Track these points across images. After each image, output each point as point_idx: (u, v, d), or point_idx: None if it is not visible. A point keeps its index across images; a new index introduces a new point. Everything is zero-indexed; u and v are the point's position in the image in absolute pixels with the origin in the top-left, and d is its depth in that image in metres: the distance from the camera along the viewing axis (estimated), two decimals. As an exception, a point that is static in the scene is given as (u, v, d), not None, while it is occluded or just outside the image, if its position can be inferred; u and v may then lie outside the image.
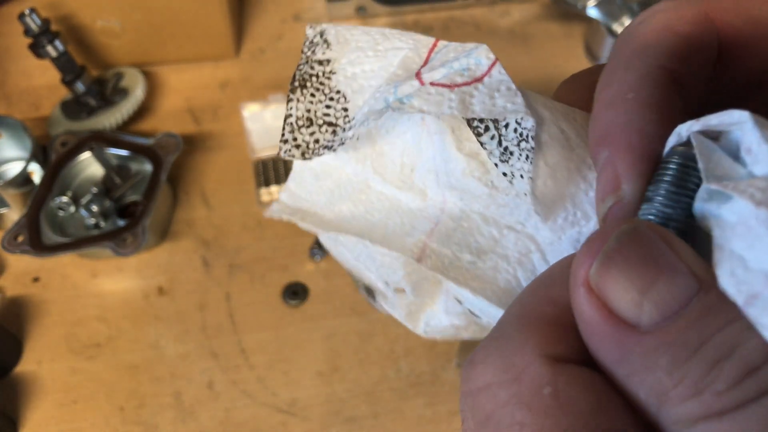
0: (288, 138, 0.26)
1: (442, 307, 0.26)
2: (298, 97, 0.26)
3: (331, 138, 0.25)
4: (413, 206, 0.26)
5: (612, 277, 0.16)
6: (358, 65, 0.26)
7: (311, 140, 0.26)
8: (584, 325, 0.16)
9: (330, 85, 0.26)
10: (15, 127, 0.66)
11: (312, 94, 0.26)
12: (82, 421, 0.55)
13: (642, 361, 0.15)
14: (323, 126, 0.26)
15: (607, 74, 0.20)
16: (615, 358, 0.16)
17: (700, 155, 0.17)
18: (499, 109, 0.21)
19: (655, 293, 0.15)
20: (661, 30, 0.19)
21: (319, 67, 0.26)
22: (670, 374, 0.15)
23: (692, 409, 0.15)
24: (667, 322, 0.15)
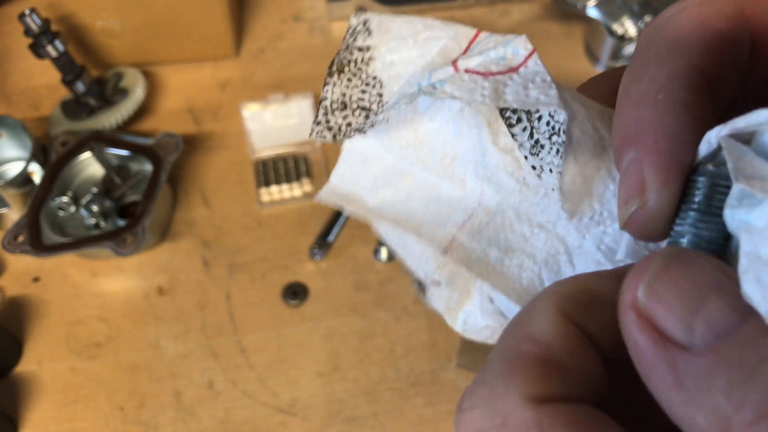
0: (321, 120, 0.26)
1: (478, 305, 0.26)
2: (334, 81, 0.27)
3: (363, 122, 0.25)
4: (453, 195, 0.25)
5: (661, 298, 0.15)
6: (397, 53, 0.26)
7: (343, 123, 0.26)
8: (635, 351, 0.16)
9: (367, 71, 0.26)
10: (15, 127, 0.66)
11: (349, 79, 0.26)
12: (82, 421, 0.55)
13: (697, 384, 0.15)
14: (357, 110, 0.26)
15: (636, 69, 0.19)
16: (669, 384, 0.15)
17: (729, 156, 0.16)
18: (532, 100, 0.21)
19: (706, 313, 0.15)
20: (696, 25, 0.18)
21: (359, 53, 0.26)
22: (729, 396, 0.14)
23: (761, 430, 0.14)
24: (720, 343, 0.14)
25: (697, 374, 0.14)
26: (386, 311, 0.60)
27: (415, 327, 0.59)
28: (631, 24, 0.75)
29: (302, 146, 0.71)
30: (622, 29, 0.75)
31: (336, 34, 0.81)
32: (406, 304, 0.60)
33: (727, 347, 0.14)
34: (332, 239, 0.64)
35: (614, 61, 0.75)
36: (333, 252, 0.64)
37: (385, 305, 0.60)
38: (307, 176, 0.68)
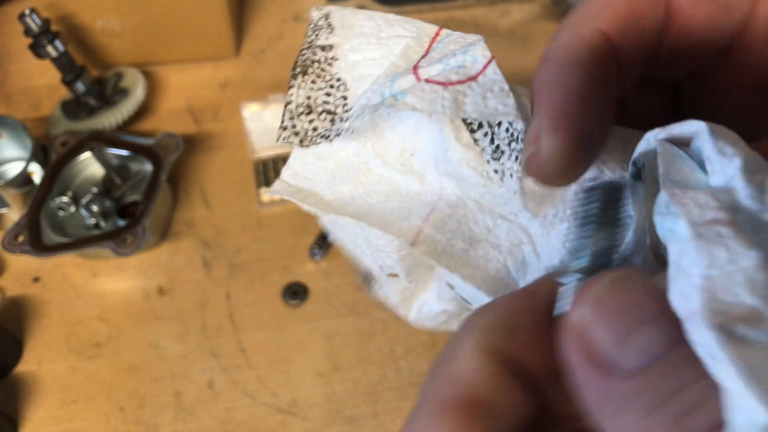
0: (287, 125, 0.26)
1: (435, 292, 0.26)
2: (299, 83, 0.26)
3: (328, 126, 0.25)
4: (412, 190, 0.26)
5: (596, 323, 0.16)
6: (360, 52, 0.26)
7: (309, 128, 0.26)
8: (569, 369, 0.17)
9: (331, 72, 0.26)
10: (15, 127, 0.66)
11: (313, 81, 0.26)
12: (82, 421, 0.55)
13: (620, 403, 0.16)
14: (322, 114, 0.26)
15: (555, 33, 0.21)
16: (598, 400, 0.16)
17: (661, 161, 0.17)
18: (491, 110, 0.21)
19: (636, 339, 0.16)
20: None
21: (322, 53, 0.26)
22: (646, 417, 0.15)
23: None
24: (646, 368, 0.15)
25: (621, 395, 0.15)
26: (386, 311, 0.60)
27: (415, 327, 0.59)
28: (631, 24, 0.75)
29: (302, 146, 0.71)
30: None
31: (336, 34, 0.81)
32: (406, 304, 0.60)
33: (650, 373, 0.15)
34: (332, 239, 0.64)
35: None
36: (333, 252, 0.64)
37: (385, 305, 0.60)
38: (307, 176, 0.68)
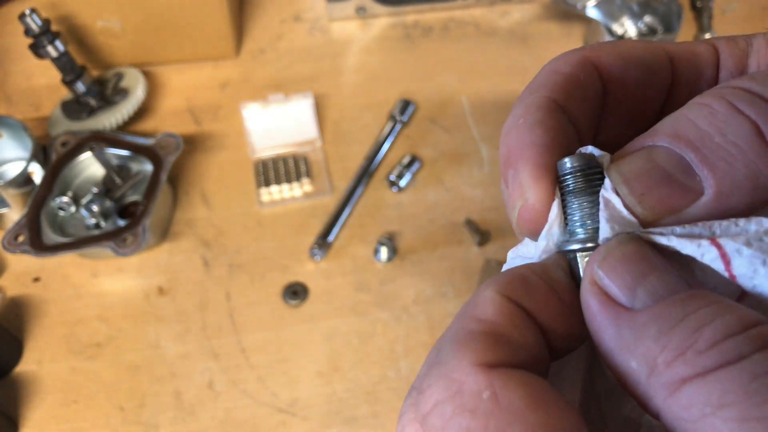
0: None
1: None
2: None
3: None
4: None
5: (611, 270, 0.19)
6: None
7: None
8: (588, 312, 0.19)
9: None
10: (15, 128, 0.66)
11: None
12: (82, 420, 0.55)
13: (633, 333, 0.18)
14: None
15: (511, 111, 0.25)
16: (611, 335, 0.18)
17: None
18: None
19: (648, 283, 0.19)
20: (548, 72, 0.24)
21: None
22: (656, 341, 0.17)
23: (677, 371, 0.16)
24: (655, 304, 0.18)
25: (633, 326, 0.18)
26: (386, 311, 0.60)
27: (414, 327, 0.59)
28: (630, 24, 0.75)
29: (302, 146, 0.71)
30: (621, 29, 0.75)
31: (335, 34, 0.81)
32: (406, 304, 0.60)
33: (659, 307, 0.18)
34: (332, 239, 0.64)
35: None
36: (333, 252, 0.64)
37: (385, 305, 0.60)
38: (307, 176, 0.68)
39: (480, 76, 0.77)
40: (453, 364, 0.18)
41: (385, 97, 0.74)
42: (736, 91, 0.19)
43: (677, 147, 0.20)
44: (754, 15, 0.82)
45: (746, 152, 0.19)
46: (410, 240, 0.64)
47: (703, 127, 0.19)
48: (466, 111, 0.74)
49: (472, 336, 0.19)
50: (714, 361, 0.16)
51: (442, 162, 0.70)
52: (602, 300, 0.19)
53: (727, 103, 0.19)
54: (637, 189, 0.20)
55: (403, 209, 0.66)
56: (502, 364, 0.18)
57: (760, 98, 0.19)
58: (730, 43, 0.24)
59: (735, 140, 0.19)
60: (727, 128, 0.19)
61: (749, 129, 0.19)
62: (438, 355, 0.19)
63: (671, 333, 0.17)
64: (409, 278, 0.62)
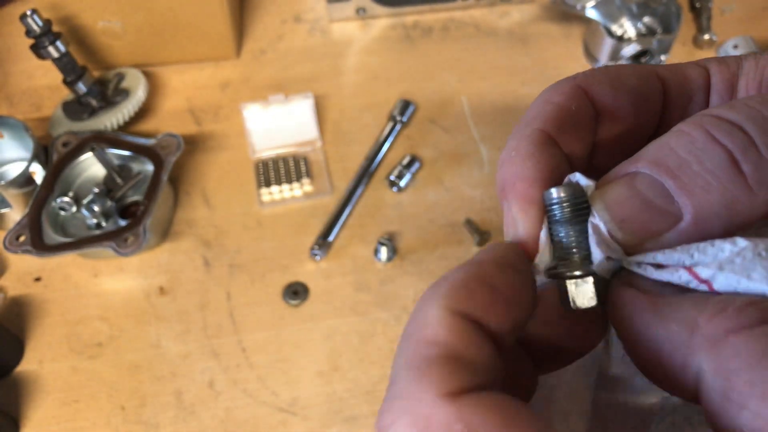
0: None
1: None
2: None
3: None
4: None
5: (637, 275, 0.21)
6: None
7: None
8: (621, 302, 0.21)
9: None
10: (17, 128, 0.66)
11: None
12: (83, 420, 0.55)
13: (670, 305, 0.19)
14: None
15: (506, 144, 0.26)
16: (650, 312, 0.19)
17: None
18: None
19: (669, 287, 0.20)
20: (541, 103, 0.25)
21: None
22: (695, 306, 0.18)
23: (721, 324, 0.17)
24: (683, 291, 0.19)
25: (669, 302, 0.19)
26: (386, 311, 0.60)
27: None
28: (630, 25, 0.75)
29: (302, 146, 0.71)
30: (621, 30, 0.75)
31: (336, 34, 0.82)
32: (406, 303, 0.61)
33: (688, 293, 0.19)
34: (332, 239, 0.64)
35: (613, 61, 0.75)
36: (333, 252, 0.64)
37: (385, 305, 0.61)
38: (308, 176, 0.68)
39: (480, 76, 0.77)
40: (416, 396, 0.18)
41: (385, 98, 0.75)
42: (714, 120, 0.20)
43: (657, 174, 0.21)
44: (752, 16, 0.82)
45: (722, 180, 0.20)
46: (410, 240, 0.64)
47: (682, 155, 0.20)
48: (465, 111, 0.74)
49: (429, 363, 0.18)
50: (755, 318, 0.17)
51: (442, 162, 0.70)
52: (635, 292, 0.20)
53: (705, 132, 0.20)
54: (618, 215, 0.21)
55: (403, 209, 0.67)
56: (467, 390, 0.17)
57: (737, 127, 0.20)
58: (722, 66, 0.25)
59: (712, 168, 0.20)
60: (704, 156, 0.20)
61: (725, 158, 0.20)
62: (395, 386, 0.18)
63: (707, 301, 0.18)
64: (409, 278, 0.62)
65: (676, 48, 0.78)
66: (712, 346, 0.17)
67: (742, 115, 0.20)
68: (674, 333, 0.18)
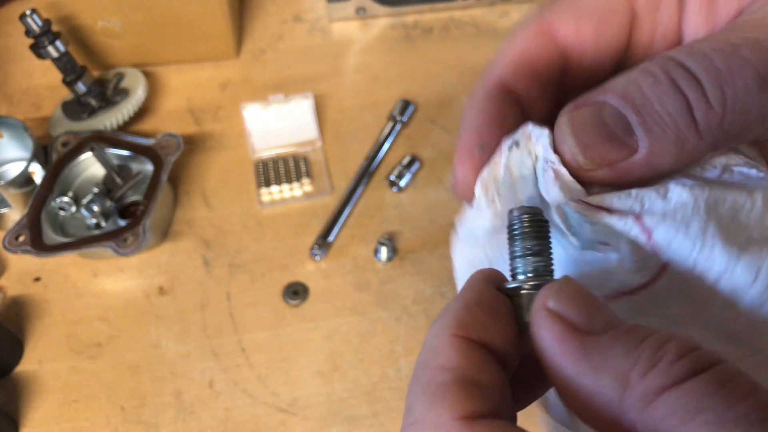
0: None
1: None
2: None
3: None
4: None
5: (568, 300, 0.20)
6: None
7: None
8: (546, 338, 0.19)
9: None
10: (16, 128, 0.66)
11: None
12: (82, 420, 0.55)
13: (601, 354, 0.18)
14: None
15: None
16: (578, 358, 0.19)
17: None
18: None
19: (601, 313, 0.20)
20: (502, 51, 0.26)
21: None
22: (626, 357, 0.18)
23: (653, 382, 0.17)
24: (610, 330, 0.19)
25: (600, 347, 0.19)
26: (386, 311, 0.60)
27: (415, 327, 0.59)
28: (630, 24, 0.75)
29: (303, 146, 0.71)
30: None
31: (336, 34, 0.82)
32: (406, 303, 0.61)
33: (617, 332, 0.19)
34: (332, 239, 0.64)
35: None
36: (333, 252, 0.64)
37: (385, 305, 0.61)
38: (308, 176, 0.68)
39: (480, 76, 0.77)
40: (432, 420, 0.19)
41: (385, 98, 0.75)
42: (677, 67, 0.22)
43: (622, 107, 0.22)
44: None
45: (677, 122, 0.21)
46: (410, 240, 0.64)
47: (647, 93, 0.22)
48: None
49: (444, 388, 0.19)
50: (686, 371, 0.17)
51: (442, 162, 0.70)
52: (564, 327, 0.19)
53: (668, 77, 0.22)
54: (583, 141, 0.22)
55: (403, 209, 0.67)
56: (481, 414, 0.18)
57: (695, 78, 0.21)
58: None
59: (670, 111, 0.21)
60: (665, 98, 0.21)
61: (682, 103, 0.21)
62: (412, 412, 0.19)
63: (639, 350, 0.18)
64: (409, 278, 0.62)
65: (676, 48, 0.78)
66: (644, 405, 0.17)
67: (700, 66, 0.22)
68: (606, 388, 0.18)
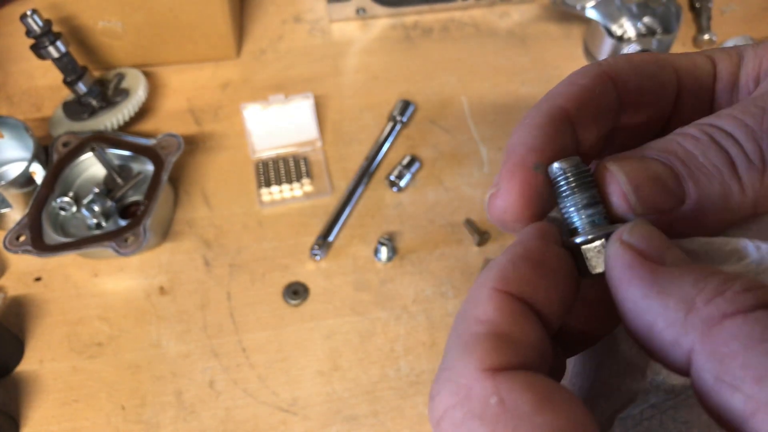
0: None
1: None
2: None
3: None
4: None
5: (641, 236, 0.21)
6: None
7: None
8: (618, 267, 0.20)
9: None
10: (17, 128, 0.66)
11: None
12: (83, 420, 0.56)
13: (670, 280, 0.19)
14: None
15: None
16: (648, 282, 0.19)
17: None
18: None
19: (672, 249, 0.20)
20: (566, 83, 0.26)
21: None
22: (694, 285, 0.18)
23: (718, 307, 0.18)
24: (684, 264, 0.20)
25: (670, 275, 0.19)
26: (386, 311, 0.60)
27: (414, 326, 0.59)
28: (629, 25, 0.75)
29: (303, 146, 0.71)
30: (620, 30, 0.75)
31: (336, 35, 0.82)
32: (406, 303, 0.61)
33: (688, 266, 0.19)
34: (332, 239, 0.64)
35: (613, 61, 0.75)
36: (333, 252, 0.64)
37: (385, 305, 0.61)
38: (308, 176, 0.68)
39: (479, 76, 0.77)
40: (460, 369, 0.19)
41: (385, 98, 0.75)
42: (713, 129, 0.23)
43: (668, 160, 0.22)
44: (752, 15, 0.82)
45: (723, 174, 0.22)
46: (410, 240, 0.64)
47: (689, 148, 0.22)
48: (465, 111, 0.74)
49: (476, 339, 0.20)
50: (753, 302, 0.17)
51: (442, 162, 0.70)
52: (636, 255, 0.20)
53: (707, 135, 0.22)
54: (634, 180, 0.22)
55: (403, 209, 0.67)
56: (508, 367, 0.19)
57: (732, 138, 0.22)
58: (725, 56, 0.27)
59: (715, 163, 0.22)
60: (708, 152, 0.22)
61: (725, 157, 0.22)
62: (445, 359, 0.20)
63: (707, 280, 0.18)
64: (408, 278, 0.62)
65: (675, 48, 0.78)
66: (707, 328, 0.18)
67: (733, 126, 0.22)
68: (670, 309, 0.19)
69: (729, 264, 0.22)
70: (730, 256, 0.22)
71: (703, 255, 0.22)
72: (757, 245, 0.22)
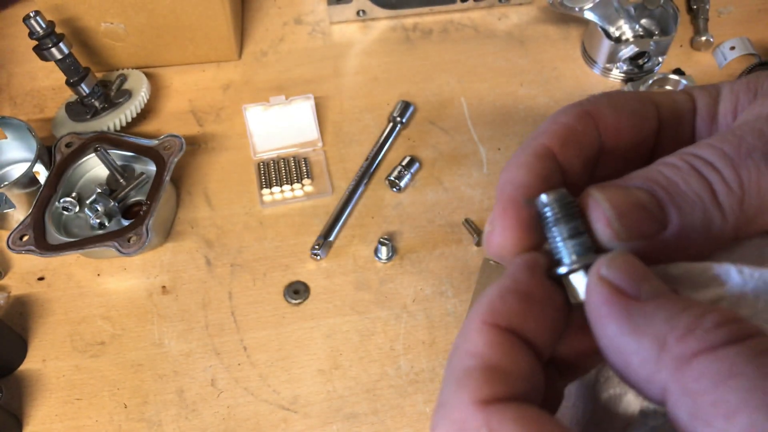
0: None
1: None
2: None
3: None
4: None
5: (618, 269, 0.21)
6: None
7: None
8: (595, 302, 0.21)
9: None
10: (20, 129, 0.67)
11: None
12: (86, 418, 0.56)
13: (644, 317, 0.20)
14: None
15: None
16: (623, 319, 0.20)
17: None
18: None
19: (649, 281, 0.21)
20: (550, 122, 0.27)
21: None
22: (667, 322, 0.19)
23: (689, 345, 0.18)
24: (658, 298, 0.20)
25: (644, 311, 0.20)
26: (386, 310, 0.61)
27: (414, 325, 0.60)
28: (627, 27, 0.76)
29: (303, 147, 0.71)
30: (618, 32, 0.76)
31: (336, 36, 0.82)
32: (406, 302, 0.61)
33: (663, 299, 0.20)
34: (333, 239, 0.65)
35: (611, 63, 0.75)
36: (334, 251, 0.65)
37: (385, 304, 0.61)
38: (308, 177, 0.69)
39: (479, 78, 0.78)
40: (454, 403, 0.20)
41: (385, 99, 0.75)
42: (694, 157, 0.23)
43: (650, 188, 0.23)
44: (749, 17, 0.83)
45: (704, 200, 0.22)
46: (410, 240, 0.65)
47: (670, 176, 0.23)
48: (465, 112, 0.75)
49: (467, 373, 0.20)
50: (722, 339, 0.18)
51: (442, 163, 0.70)
52: (612, 291, 0.21)
53: (688, 164, 0.23)
54: (618, 208, 0.23)
55: (402, 209, 0.67)
56: (498, 399, 0.20)
57: (712, 166, 0.23)
58: (704, 93, 0.28)
59: (697, 191, 0.22)
60: (689, 180, 0.23)
61: (705, 184, 0.23)
62: (442, 393, 0.21)
63: (679, 317, 0.19)
64: (408, 277, 0.63)
65: (673, 49, 0.79)
66: (679, 366, 0.18)
67: (713, 154, 0.23)
68: (644, 347, 0.19)
69: (712, 288, 0.23)
70: (713, 281, 0.23)
71: (686, 280, 0.23)
72: (740, 269, 0.22)
